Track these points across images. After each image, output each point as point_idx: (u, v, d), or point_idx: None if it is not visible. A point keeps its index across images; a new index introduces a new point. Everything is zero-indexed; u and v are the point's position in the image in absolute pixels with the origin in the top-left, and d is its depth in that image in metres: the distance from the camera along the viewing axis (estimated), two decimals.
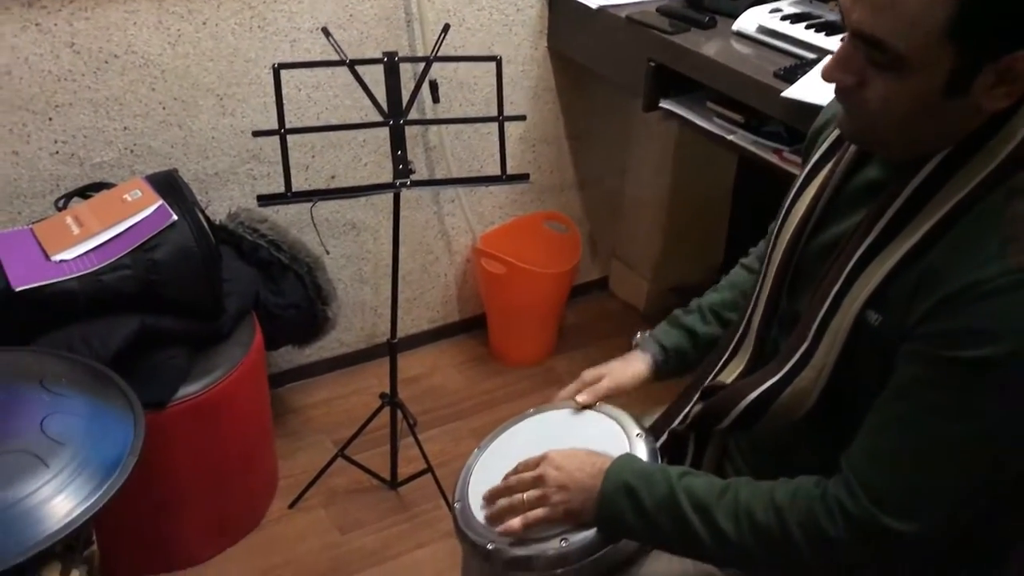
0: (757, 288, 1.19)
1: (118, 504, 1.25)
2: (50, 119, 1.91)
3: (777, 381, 1.07)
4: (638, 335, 1.39)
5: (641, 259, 2.84)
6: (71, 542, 1.44)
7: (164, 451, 1.77)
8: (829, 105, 1.19)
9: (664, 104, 2.02)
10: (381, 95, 1.82)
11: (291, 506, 2.15)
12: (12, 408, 1.13)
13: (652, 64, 2.00)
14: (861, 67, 0.93)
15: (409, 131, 1.87)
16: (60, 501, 1.19)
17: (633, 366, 1.34)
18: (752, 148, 1.83)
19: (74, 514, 1.19)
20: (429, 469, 2.12)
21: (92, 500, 1.21)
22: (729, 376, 1.19)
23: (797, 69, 1.72)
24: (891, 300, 0.97)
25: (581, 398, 1.29)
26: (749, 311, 1.20)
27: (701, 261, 2.76)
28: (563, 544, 1.12)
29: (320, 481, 2.16)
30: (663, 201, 2.70)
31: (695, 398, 1.22)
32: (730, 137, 1.87)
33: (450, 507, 1.27)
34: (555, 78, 2.52)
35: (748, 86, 1.78)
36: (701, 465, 1.25)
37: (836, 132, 1.11)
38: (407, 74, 2.13)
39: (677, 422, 1.24)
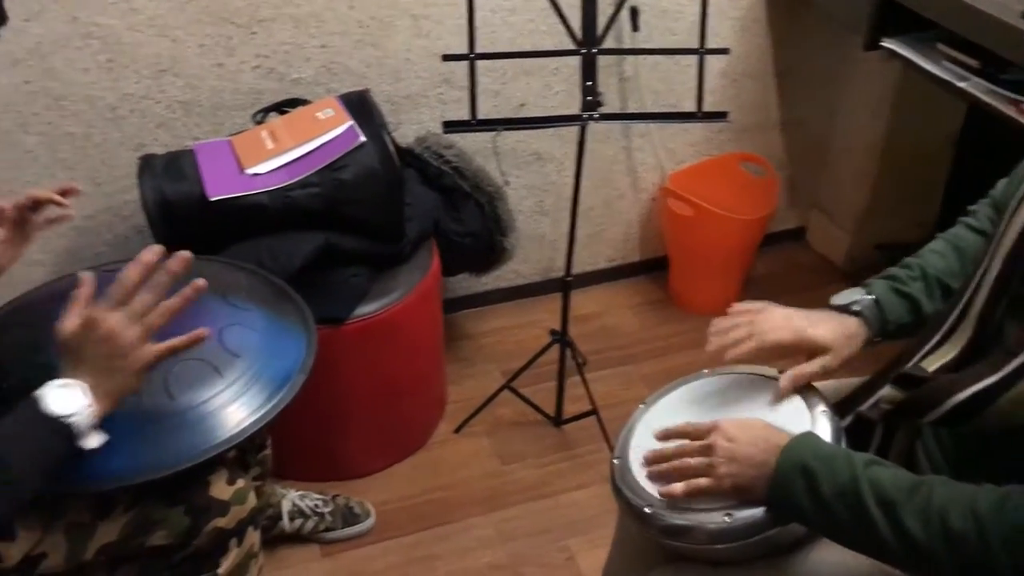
0: (984, 265, 1.04)
1: (290, 414, 1.28)
2: (253, 33, 1.96)
3: (998, 380, 0.93)
4: (847, 295, 1.20)
5: (844, 210, 2.64)
6: (243, 448, 1.51)
7: (339, 367, 1.82)
8: None
9: (887, 43, 1.85)
10: (578, 21, 1.73)
11: (457, 431, 2.17)
12: (195, 317, 1.16)
13: None
14: None
15: (604, 60, 1.78)
16: (232, 411, 1.23)
17: (853, 341, 1.16)
18: (986, 98, 1.63)
19: (243, 424, 1.22)
20: (594, 411, 2.08)
21: (261, 413, 1.24)
22: (935, 363, 1.06)
23: None
24: None
25: (786, 384, 1.14)
26: (971, 290, 1.05)
27: (912, 218, 2.53)
28: (726, 519, 1.05)
29: (486, 409, 2.17)
30: (875, 149, 2.48)
31: (888, 382, 1.10)
32: (961, 84, 1.67)
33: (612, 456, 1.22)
34: (766, 9, 2.34)
35: (989, 26, 1.58)
36: (889, 449, 1.13)
37: None
38: None
39: (867, 406, 1.12)
